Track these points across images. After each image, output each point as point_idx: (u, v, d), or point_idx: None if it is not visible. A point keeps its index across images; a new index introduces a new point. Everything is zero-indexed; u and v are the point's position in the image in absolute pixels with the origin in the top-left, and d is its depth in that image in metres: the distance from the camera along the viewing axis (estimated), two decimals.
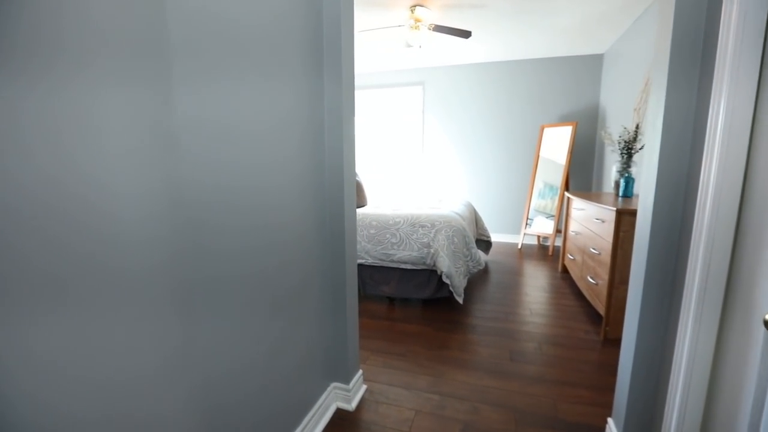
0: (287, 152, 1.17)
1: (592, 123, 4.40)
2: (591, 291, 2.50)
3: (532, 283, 3.19)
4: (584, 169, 4.51)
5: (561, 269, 3.54)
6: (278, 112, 1.12)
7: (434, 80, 4.90)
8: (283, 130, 1.15)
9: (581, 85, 4.37)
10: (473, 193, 4.95)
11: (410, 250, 2.56)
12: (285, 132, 1.16)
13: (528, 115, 4.61)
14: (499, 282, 3.20)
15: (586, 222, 2.75)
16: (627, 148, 2.85)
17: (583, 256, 2.75)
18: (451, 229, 2.51)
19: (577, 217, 3.05)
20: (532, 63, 4.50)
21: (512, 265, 3.76)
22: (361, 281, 2.78)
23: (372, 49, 4.12)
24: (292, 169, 1.21)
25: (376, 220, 2.69)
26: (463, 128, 4.88)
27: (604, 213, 2.29)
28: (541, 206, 4.44)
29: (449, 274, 2.40)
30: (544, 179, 4.43)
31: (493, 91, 4.69)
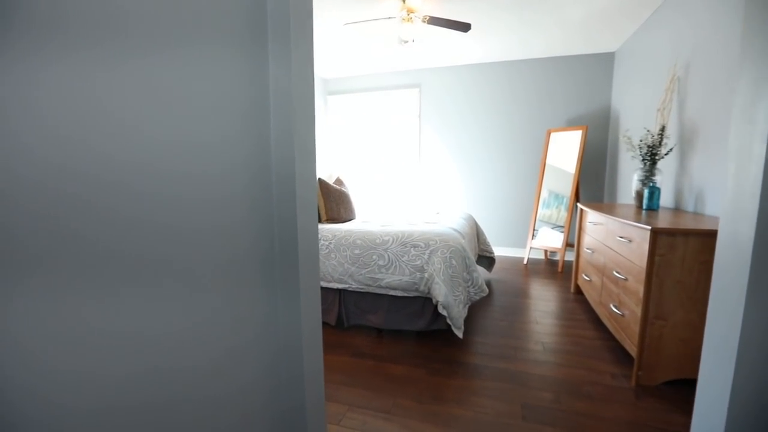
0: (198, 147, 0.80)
1: (603, 127, 4.04)
2: (615, 322, 2.10)
3: (543, 307, 2.79)
4: (595, 177, 4.13)
5: (574, 289, 3.15)
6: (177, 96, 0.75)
7: (431, 82, 4.56)
8: (194, 115, 0.77)
9: (591, 86, 4.02)
10: (474, 203, 4.57)
11: (401, 275, 2.17)
12: (200, 118, 0.79)
13: (533, 119, 4.25)
14: (504, 306, 2.80)
15: (605, 239, 2.36)
16: (650, 154, 2.47)
17: (603, 279, 2.36)
18: (448, 250, 2.13)
19: (593, 233, 2.66)
20: (537, 63, 4.16)
21: (518, 284, 3.36)
22: (343, 310, 2.39)
23: (363, 48, 3.78)
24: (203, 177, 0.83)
25: (361, 239, 2.31)
26: (463, 133, 4.52)
27: (632, 231, 1.91)
28: (546, 216, 4.06)
29: (446, 304, 2.01)
30: (549, 188, 4.06)
31: (495, 93, 4.34)
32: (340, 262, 2.32)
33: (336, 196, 2.91)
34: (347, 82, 4.90)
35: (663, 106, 2.55)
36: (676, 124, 2.52)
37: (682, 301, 1.66)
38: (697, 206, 2.24)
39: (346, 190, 3.05)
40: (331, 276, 2.34)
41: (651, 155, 2.48)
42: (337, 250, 2.33)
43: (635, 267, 1.85)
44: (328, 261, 2.35)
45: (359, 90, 4.86)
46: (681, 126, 2.47)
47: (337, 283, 2.34)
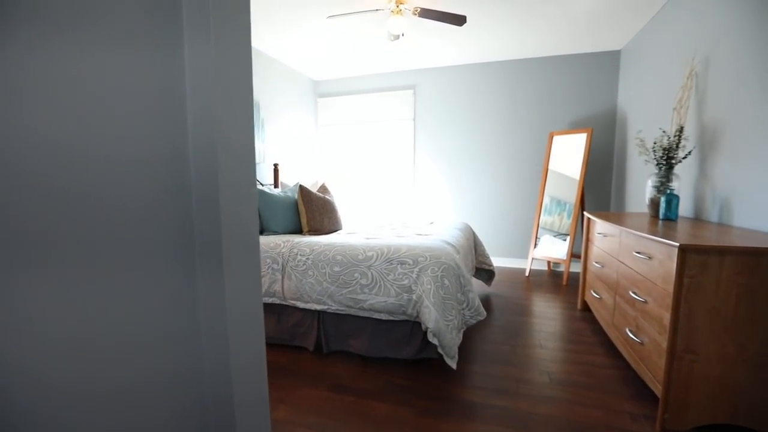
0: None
1: (609, 129, 3.78)
2: (632, 350, 1.83)
3: (547, 327, 2.52)
4: (601, 183, 3.87)
5: (581, 306, 2.87)
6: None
7: (427, 83, 4.32)
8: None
9: (595, 87, 3.77)
10: (472, 211, 4.31)
11: (385, 296, 1.90)
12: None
13: (535, 122, 4.00)
14: (505, 327, 2.52)
15: (618, 253, 2.09)
16: (666, 158, 2.21)
17: (616, 298, 2.09)
18: (440, 267, 1.86)
19: (602, 245, 2.40)
20: (538, 62, 3.92)
21: (520, 299, 3.09)
22: (323, 334, 2.12)
23: (353, 47, 3.55)
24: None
25: (342, 254, 2.05)
26: (460, 137, 4.27)
27: (652, 246, 1.64)
28: (548, 223, 3.80)
29: (437, 331, 1.74)
30: (550, 194, 3.80)
31: (495, 94, 4.10)
32: (318, 281, 2.05)
33: (319, 205, 2.65)
34: (338, 84, 4.67)
35: (680, 104, 2.29)
36: (695, 125, 2.26)
37: (717, 332, 1.39)
38: (722, 216, 1.98)
39: (330, 199, 2.79)
40: (309, 296, 2.07)
41: (667, 159, 2.22)
42: (315, 267, 2.07)
43: (656, 289, 1.58)
44: (305, 279, 2.08)
45: (351, 92, 4.62)
46: (701, 126, 2.21)
47: (315, 304, 2.07)
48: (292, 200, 2.71)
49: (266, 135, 3.77)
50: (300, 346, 2.23)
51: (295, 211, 2.69)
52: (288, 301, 2.14)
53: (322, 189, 2.88)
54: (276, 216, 2.60)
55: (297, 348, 2.23)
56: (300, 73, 4.37)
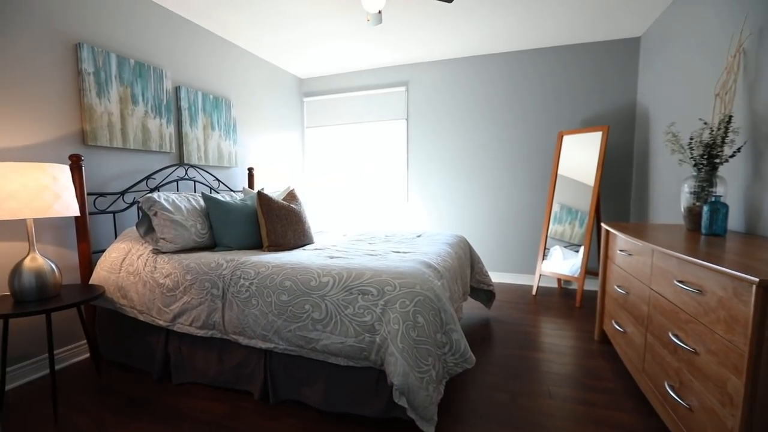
0: None
1: (627, 127, 3.31)
2: (674, 413, 1.34)
3: (558, 366, 2.03)
4: (619, 188, 3.38)
5: (598, 336, 2.38)
6: None
7: (420, 79, 3.90)
8: None
9: (611, 79, 3.31)
10: (471, 221, 3.84)
11: (342, 335, 1.45)
12: None
13: (542, 120, 3.54)
14: (504, 366, 2.05)
15: (649, 279, 1.62)
16: (708, 156, 1.74)
17: (648, 338, 1.61)
18: (412, 300, 1.40)
19: (627, 266, 1.92)
20: (545, 53, 3.47)
21: (525, 326, 2.60)
22: (269, 379, 1.67)
23: (337, 39, 3.14)
24: None
25: (291, 279, 1.61)
26: (458, 139, 3.82)
27: (706, 276, 1.17)
28: (558, 233, 3.32)
29: (406, 387, 1.28)
30: (560, 201, 3.32)
31: (497, 90, 3.66)
32: (263, 312, 1.61)
33: (281, 216, 2.22)
34: (325, 81, 4.27)
35: (724, 89, 1.82)
36: (744, 114, 1.79)
37: None
38: None
39: (297, 208, 2.36)
40: (253, 331, 1.64)
41: (709, 157, 1.74)
42: (259, 294, 1.63)
43: (714, 338, 1.10)
44: (248, 309, 1.65)
45: (339, 90, 4.22)
46: (753, 115, 1.73)
47: (260, 341, 1.63)
48: (252, 210, 2.29)
49: (239, 136, 3.37)
50: (245, 390, 1.79)
51: (255, 222, 2.27)
52: (229, 335, 1.71)
53: (289, 196, 2.46)
54: (230, 228, 2.18)
55: (241, 393, 1.78)
56: (282, 69, 3.99)
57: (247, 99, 3.47)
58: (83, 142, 2.12)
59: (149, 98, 2.47)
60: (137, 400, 1.74)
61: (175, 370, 1.87)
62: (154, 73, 2.50)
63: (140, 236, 2.05)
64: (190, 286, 1.78)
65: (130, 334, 2.01)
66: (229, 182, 3.25)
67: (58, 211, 1.62)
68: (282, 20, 2.84)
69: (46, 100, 1.96)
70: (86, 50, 2.10)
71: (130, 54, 2.38)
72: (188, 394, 1.78)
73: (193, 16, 2.76)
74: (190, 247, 2.08)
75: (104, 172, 2.24)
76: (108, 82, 2.22)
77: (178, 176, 2.71)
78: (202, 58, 2.93)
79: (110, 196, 2.26)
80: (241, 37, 3.15)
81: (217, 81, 3.09)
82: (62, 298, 1.70)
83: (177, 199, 2.15)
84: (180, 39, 2.73)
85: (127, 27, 2.36)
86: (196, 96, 2.84)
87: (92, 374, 1.97)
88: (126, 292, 1.93)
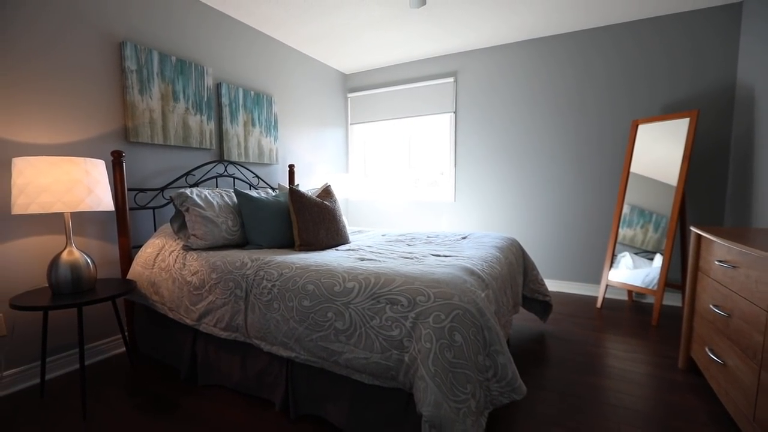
0: None
1: (722, 112, 2.76)
2: None
3: (632, 401, 1.67)
4: (709, 185, 2.84)
5: (684, 364, 1.96)
6: None
7: (470, 68, 3.61)
8: None
9: (703, 55, 2.78)
10: (525, 223, 3.47)
11: (368, 350, 1.27)
12: None
13: (612, 108, 3.09)
14: (562, 393, 1.73)
15: (764, 300, 1.24)
16: None
17: (763, 376, 1.23)
18: (449, 314, 1.18)
19: (729, 281, 1.52)
20: (615, 30, 3.02)
21: (588, 345, 2.23)
22: (290, 390, 1.53)
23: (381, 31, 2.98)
24: None
25: (314, 282, 1.45)
26: (511, 132, 3.48)
27: None
28: (627, 238, 2.86)
29: (437, 420, 1.06)
30: (630, 201, 2.87)
31: (556, 76, 3.26)
32: (284, 317, 1.48)
33: (314, 213, 2.09)
34: (369, 76, 4.13)
35: None
36: None
37: None
38: None
39: (331, 204, 2.22)
40: (275, 337, 1.51)
41: None
42: (281, 298, 1.50)
43: None
44: (270, 313, 1.52)
45: (384, 84, 4.06)
46: None
47: (282, 349, 1.50)
48: (284, 207, 2.19)
49: (280, 133, 3.33)
50: (267, 399, 1.67)
51: (288, 220, 2.16)
52: (252, 339, 1.60)
53: (323, 193, 2.33)
54: (261, 226, 2.09)
55: (263, 402, 1.67)
56: (325, 64, 3.91)
57: (289, 95, 3.42)
58: (126, 139, 2.16)
59: (190, 95, 2.48)
60: (162, 400, 1.69)
61: (202, 370, 1.81)
62: (195, 69, 2.50)
63: (174, 232, 2.03)
64: (215, 285, 1.70)
65: (163, 331, 1.99)
66: (270, 179, 3.22)
67: (89, 205, 1.62)
68: (319, 9, 2.73)
69: (91, 98, 2.00)
70: (129, 48, 2.13)
71: (171, 51, 2.40)
72: (211, 398, 1.70)
73: (232, 11, 2.74)
74: (220, 244, 2.02)
75: (145, 168, 2.27)
76: (150, 79, 2.25)
77: (217, 173, 2.71)
78: (242, 54, 2.91)
79: (150, 192, 2.29)
80: (279, 31, 3.10)
81: (258, 77, 3.06)
82: (97, 291, 1.70)
83: (210, 194, 2.11)
84: (220, 35, 2.72)
85: (168, 24, 2.38)
86: (237, 92, 2.82)
87: (126, 368, 1.98)
88: (158, 288, 1.91)
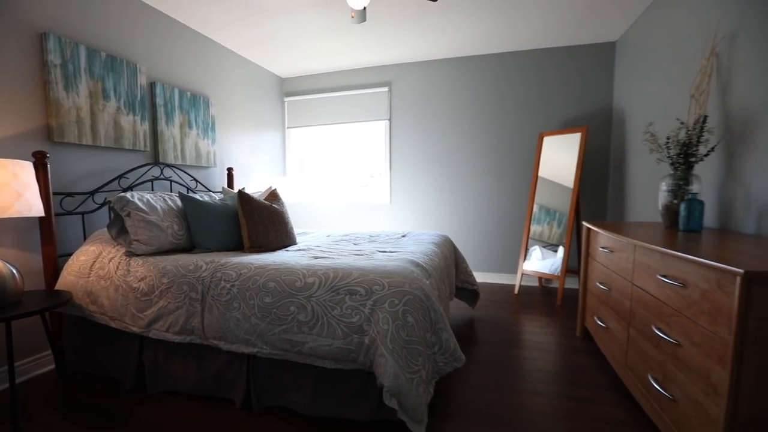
0: None
1: (604, 129, 3.40)
2: (658, 406, 1.37)
3: (543, 364, 2.05)
4: (596, 188, 3.47)
5: (580, 332, 2.42)
6: None
7: (403, 80, 3.90)
8: None
9: (589, 82, 3.40)
10: (455, 221, 3.86)
11: (330, 337, 1.41)
12: None
13: (523, 121, 3.60)
14: (491, 365, 2.05)
15: (631, 274, 1.65)
16: (684, 155, 1.80)
17: (631, 331, 1.64)
18: (401, 299, 1.38)
19: (609, 262, 1.96)
20: (526, 55, 3.53)
21: (509, 325, 2.62)
22: (252, 385, 1.60)
23: (319, 38, 3.10)
24: None
25: (275, 280, 1.55)
26: (441, 140, 3.84)
27: (689, 270, 1.19)
28: (537, 234, 3.38)
29: (396, 389, 1.25)
30: (539, 201, 3.39)
31: (479, 92, 3.69)
32: (245, 315, 1.55)
33: (263, 216, 2.15)
34: (306, 81, 4.21)
35: (698, 91, 1.89)
36: (719, 115, 1.86)
37: None
38: (762, 227, 1.56)
39: (280, 208, 2.30)
40: (235, 335, 1.57)
41: (685, 156, 1.80)
42: (241, 297, 1.57)
43: (697, 330, 1.13)
44: (229, 312, 1.58)
45: (321, 90, 4.17)
46: (725, 117, 1.80)
47: (243, 346, 1.56)
48: (232, 210, 2.21)
49: (218, 135, 3.27)
50: (224, 398, 1.71)
51: (235, 223, 2.19)
52: (209, 340, 1.63)
53: (271, 196, 2.39)
54: (209, 229, 2.09)
55: (223, 401, 1.71)
56: (262, 68, 3.90)
57: (227, 97, 3.37)
58: (49, 138, 1.99)
59: (122, 93, 2.36)
60: (108, 413, 1.63)
61: (150, 378, 1.77)
62: (128, 67, 2.38)
63: (112, 238, 1.94)
64: (167, 289, 1.69)
65: (101, 343, 1.89)
66: (207, 182, 3.14)
67: (19, 210, 1.51)
68: (261, 15, 2.78)
69: (6, 92, 1.82)
70: (53, 41, 1.98)
71: (101, 46, 2.26)
72: (165, 404, 1.69)
73: (168, 10, 2.66)
74: (166, 249, 1.98)
75: (72, 170, 2.11)
76: (77, 75, 2.10)
77: (153, 176, 2.59)
78: (178, 54, 2.82)
79: (79, 196, 2.13)
80: (219, 33, 3.06)
81: (195, 78, 2.98)
82: (24, 305, 1.58)
83: (152, 198, 2.05)
84: (155, 33, 2.62)
85: (98, 18, 2.24)
86: (173, 92, 2.73)
87: (58, 387, 1.85)
88: (96, 298, 1.81)
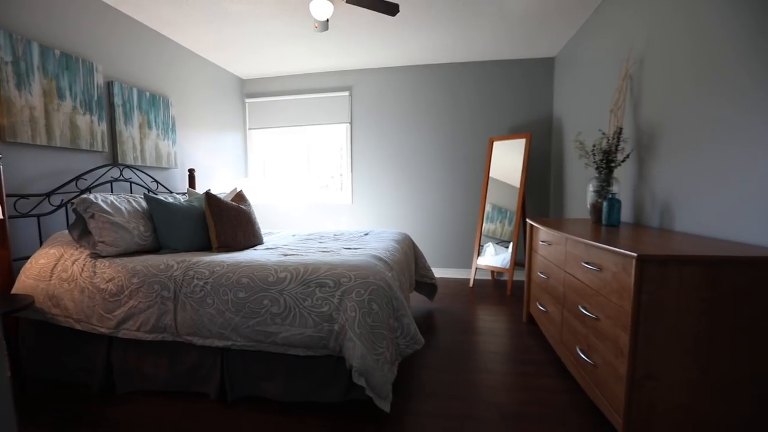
0: None
1: (546, 135, 3.77)
2: (584, 372, 1.64)
3: (494, 346, 2.30)
4: (540, 188, 3.84)
5: (526, 318, 2.71)
6: None
7: (364, 85, 4.06)
8: None
9: (533, 92, 3.75)
10: (413, 220, 4.08)
11: (302, 326, 1.54)
12: None
13: (476, 126, 3.89)
14: (448, 350, 2.26)
15: (563, 263, 1.93)
16: (606, 161, 2.12)
17: (564, 313, 1.91)
18: (367, 289, 1.54)
19: (547, 254, 2.24)
20: (477, 66, 3.83)
21: (464, 314, 2.86)
22: (227, 377, 1.69)
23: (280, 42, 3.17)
24: None
25: (248, 276, 1.65)
26: (400, 143, 4.04)
27: (603, 256, 1.46)
28: (490, 231, 3.68)
29: (364, 369, 1.41)
30: (491, 201, 3.69)
31: (436, 98, 3.94)
32: (219, 310, 1.63)
33: (231, 217, 2.21)
34: (268, 83, 4.24)
35: (616, 106, 2.22)
36: (632, 127, 2.20)
37: (679, 355, 1.21)
38: (663, 222, 1.89)
39: (247, 208, 2.36)
40: (209, 330, 1.64)
41: (607, 162, 2.12)
42: (215, 293, 1.64)
43: (610, 305, 1.39)
44: (203, 309, 1.65)
45: (282, 93, 4.22)
46: (637, 129, 2.15)
47: (217, 340, 1.64)
48: (198, 211, 2.25)
49: (178, 136, 3.23)
50: (199, 392, 1.78)
51: (202, 224, 2.23)
52: (183, 337, 1.69)
53: (237, 197, 2.45)
54: (176, 230, 2.12)
55: (197, 395, 1.77)
56: (223, 69, 3.88)
57: (187, 98, 3.34)
58: (0, 138, 1.93)
59: (78, 92, 2.30)
60: (78, 416, 1.64)
61: (120, 379, 1.78)
62: (83, 66, 2.33)
63: (74, 240, 1.92)
64: (137, 289, 1.72)
65: (63, 346, 1.87)
66: (168, 184, 3.10)
67: None
68: (223, 19, 2.81)
69: None
70: (2, 36, 1.92)
71: (55, 44, 2.20)
72: (137, 403, 1.72)
73: (126, 8, 2.62)
74: (132, 250, 1.99)
75: (26, 171, 2.05)
76: (29, 73, 2.04)
77: (112, 177, 2.55)
78: (137, 53, 2.78)
79: (34, 198, 2.07)
80: (179, 33, 3.04)
81: (154, 78, 2.94)
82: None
83: (116, 200, 2.05)
84: (113, 31, 2.57)
85: (51, 14, 2.18)
86: (131, 92, 2.69)
87: (20, 394, 1.80)
88: (59, 301, 1.80)
